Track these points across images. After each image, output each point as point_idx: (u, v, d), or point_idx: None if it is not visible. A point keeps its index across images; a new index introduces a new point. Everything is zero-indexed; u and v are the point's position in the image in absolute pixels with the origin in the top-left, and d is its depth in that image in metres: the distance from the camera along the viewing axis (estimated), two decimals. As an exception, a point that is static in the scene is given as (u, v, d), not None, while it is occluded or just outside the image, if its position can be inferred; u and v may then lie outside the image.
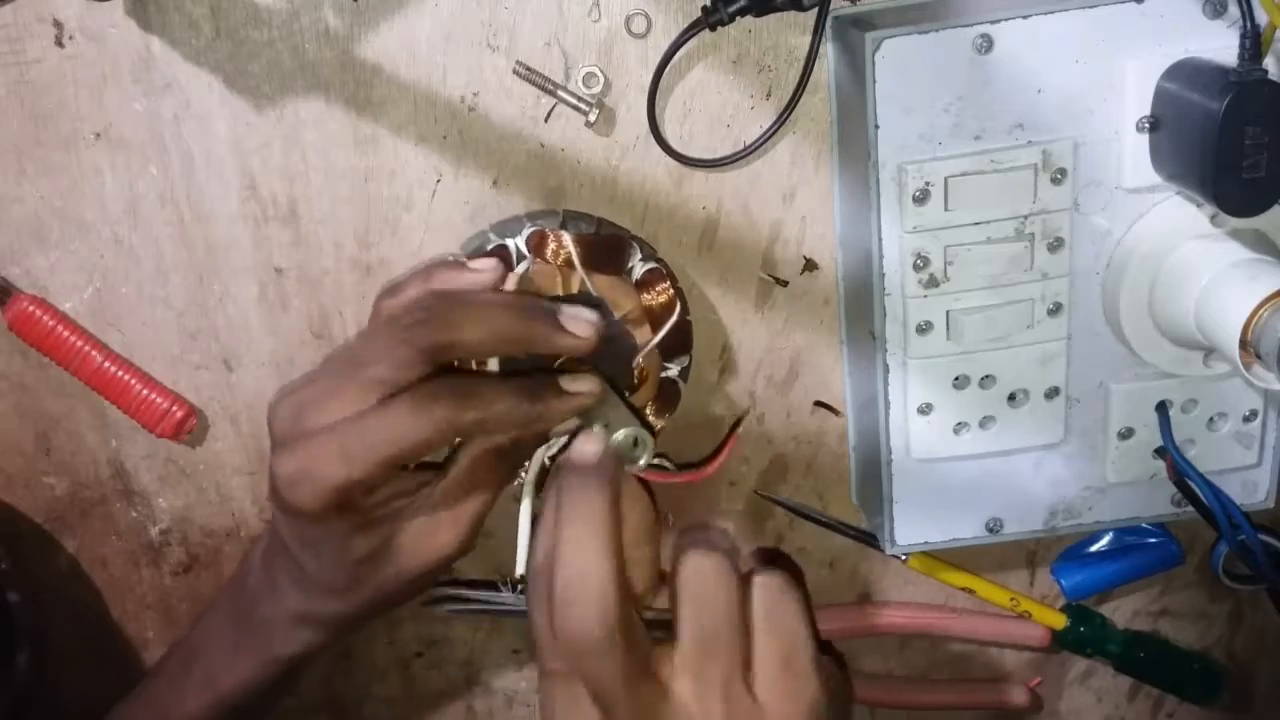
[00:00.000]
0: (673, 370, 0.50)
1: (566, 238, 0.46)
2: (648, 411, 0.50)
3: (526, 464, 0.45)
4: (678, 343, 0.49)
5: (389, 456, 0.39)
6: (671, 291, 0.48)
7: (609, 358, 0.47)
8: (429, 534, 0.44)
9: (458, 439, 0.43)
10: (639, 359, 0.49)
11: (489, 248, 0.46)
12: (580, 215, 0.49)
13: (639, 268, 0.48)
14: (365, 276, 0.50)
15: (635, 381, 0.49)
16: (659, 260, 0.48)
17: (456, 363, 0.44)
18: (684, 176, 0.49)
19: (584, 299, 0.46)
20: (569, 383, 0.43)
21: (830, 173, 0.50)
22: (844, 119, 0.48)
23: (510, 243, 0.46)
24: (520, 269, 0.46)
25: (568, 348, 0.43)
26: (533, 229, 0.46)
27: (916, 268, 0.45)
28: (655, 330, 0.48)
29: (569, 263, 0.46)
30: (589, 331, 0.43)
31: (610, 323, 0.47)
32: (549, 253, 0.46)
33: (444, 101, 0.47)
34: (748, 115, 0.48)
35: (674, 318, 0.48)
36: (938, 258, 0.45)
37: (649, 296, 0.48)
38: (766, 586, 0.39)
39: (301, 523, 0.41)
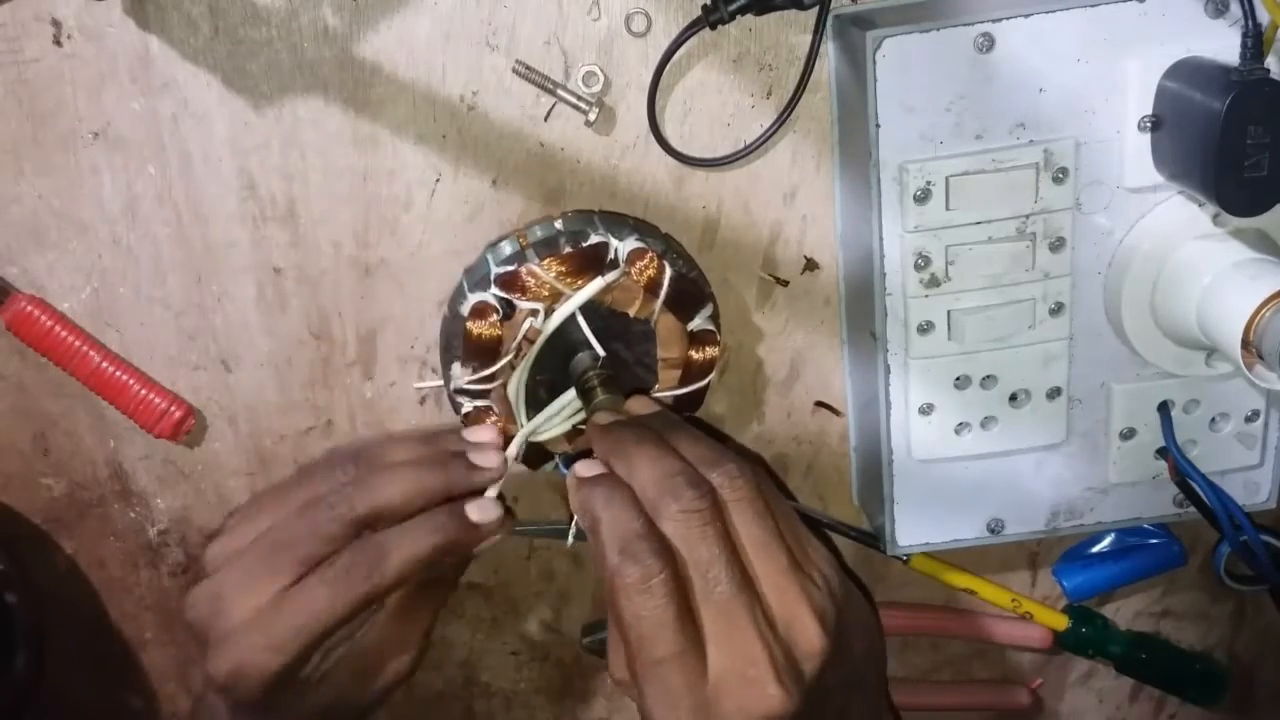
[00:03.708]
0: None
1: (669, 270, 0.47)
2: None
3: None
4: (689, 403, 0.51)
5: (318, 634, 0.41)
6: (715, 356, 0.49)
7: (628, 381, 0.49)
8: (378, 664, 0.46)
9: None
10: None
11: (590, 243, 0.46)
12: (658, 234, 0.49)
13: (701, 323, 0.49)
14: (364, 276, 0.50)
15: None
16: (718, 324, 0.49)
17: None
18: (684, 176, 0.49)
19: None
20: (477, 512, 0.45)
21: (831, 172, 0.49)
22: (845, 118, 0.47)
23: (614, 244, 0.46)
24: (610, 277, 0.46)
25: (483, 482, 0.45)
26: (637, 244, 0.46)
27: (918, 267, 0.45)
28: (683, 382, 0.50)
29: (651, 288, 0.47)
30: (496, 461, 0.46)
31: (644, 351, 0.49)
32: (636, 270, 0.46)
33: (443, 101, 0.47)
34: (748, 114, 0.48)
35: (703, 382, 0.50)
36: (939, 257, 0.45)
37: (695, 352, 0.49)
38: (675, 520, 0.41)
39: (250, 712, 0.42)
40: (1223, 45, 0.41)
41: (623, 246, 0.46)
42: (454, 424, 0.50)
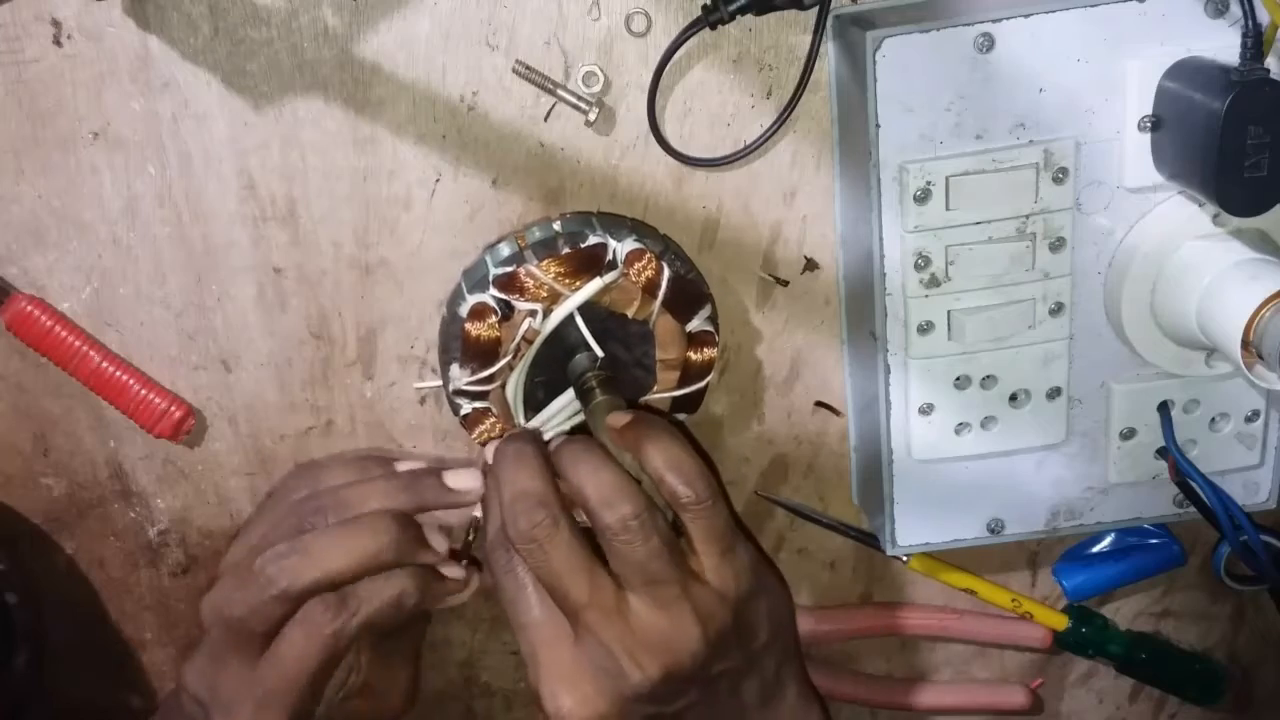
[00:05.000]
0: (678, 416, 0.52)
1: (667, 271, 0.47)
2: None
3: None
4: (688, 404, 0.51)
5: (305, 684, 0.44)
6: (713, 357, 0.50)
7: (627, 383, 0.49)
8: (372, 704, 0.48)
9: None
10: (646, 398, 0.50)
11: (588, 244, 0.46)
12: (656, 235, 0.49)
13: (699, 324, 0.49)
14: (364, 276, 0.50)
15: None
16: (716, 325, 0.49)
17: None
18: (684, 176, 0.49)
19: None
20: (448, 570, 0.48)
21: (831, 172, 0.49)
22: (845, 118, 0.47)
23: (612, 245, 0.46)
24: (608, 278, 0.46)
25: (430, 557, 0.47)
26: (635, 245, 0.46)
27: (918, 267, 0.45)
28: (682, 383, 0.50)
29: (650, 289, 0.47)
30: (444, 547, 0.48)
31: (643, 353, 0.49)
32: (634, 271, 0.46)
33: (443, 101, 0.47)
34: (748, 114, 0.48)
35: (700, 384, 0.50)
36: (939, 257, 0.45)
37: (694, 353, 0.49)
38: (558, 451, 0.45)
39: None
40: (1223, 45, 0.41)
41: (621, 247, 0.46)
42: (441, 459, 0.52)
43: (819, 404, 0.54)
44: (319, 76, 0.47)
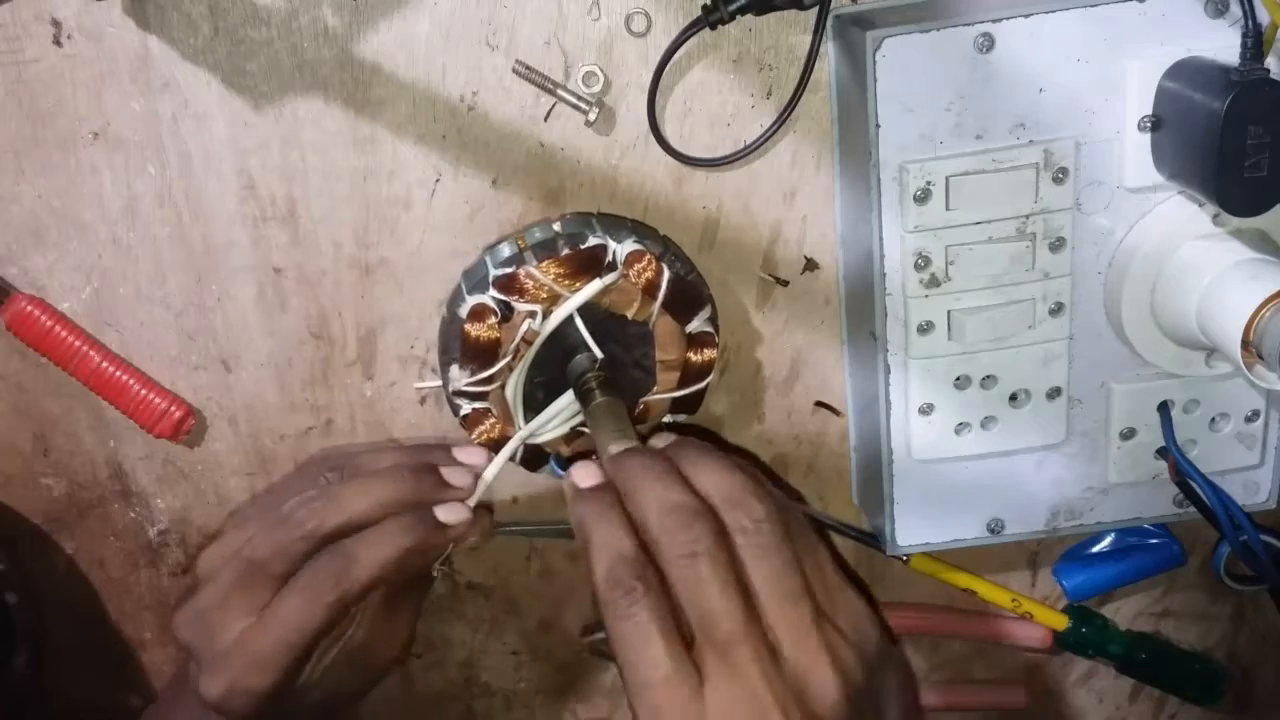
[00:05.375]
0: (677, 417, 0.51)
1: (667, 272, 0.47)
2: None
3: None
4: (688, 405, 0.51)
5: (301, 647, 0.42)
6: (713, 358, 0.49)
7: (626, 384, 0.49)
8: (370, 658, 0.47)
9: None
10: (645, 399, 0.50)
11: (588, 245, 0.46)
12: (656, 236, 0.49)
13: (699, 325, 0.49)
14: (364, 276, 0.50)
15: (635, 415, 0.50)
16: (716, 326, 0.49)
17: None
18: (684, 176, 0.49)
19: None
20: (445, 513, 0.45)
21: (831, 172, 0.49)
22: (845, 118, 0.47)
23: (612, 246, 0.46)
24: (608, 279, 0.46)
25: (452, 500, 0.45)
26: (635, 246, 0.46)
27: (918, 267, 0.45)
28: (681, 384, 0.49)
29: (649, 290, 0.47)
30: (466, 481, 0.46)
31: (643, 353, 0.49)
32: (634, 272, 0.46)
33: (443, 101, 0.47)
34: (748, 114, 0.48)
35: (699, 385, 0.50)
36: (939, 257, 0.45)
37: (694, 354, 0.49)
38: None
39: None
40: (1223, 45, 0.41)
41: (621, 249, 0.46)
42: (445, 436, 0.51)
43: (819, 404, 0.54)
44: (319, 76, 0.47)
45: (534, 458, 0.50)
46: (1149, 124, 0.43)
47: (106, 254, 0.49)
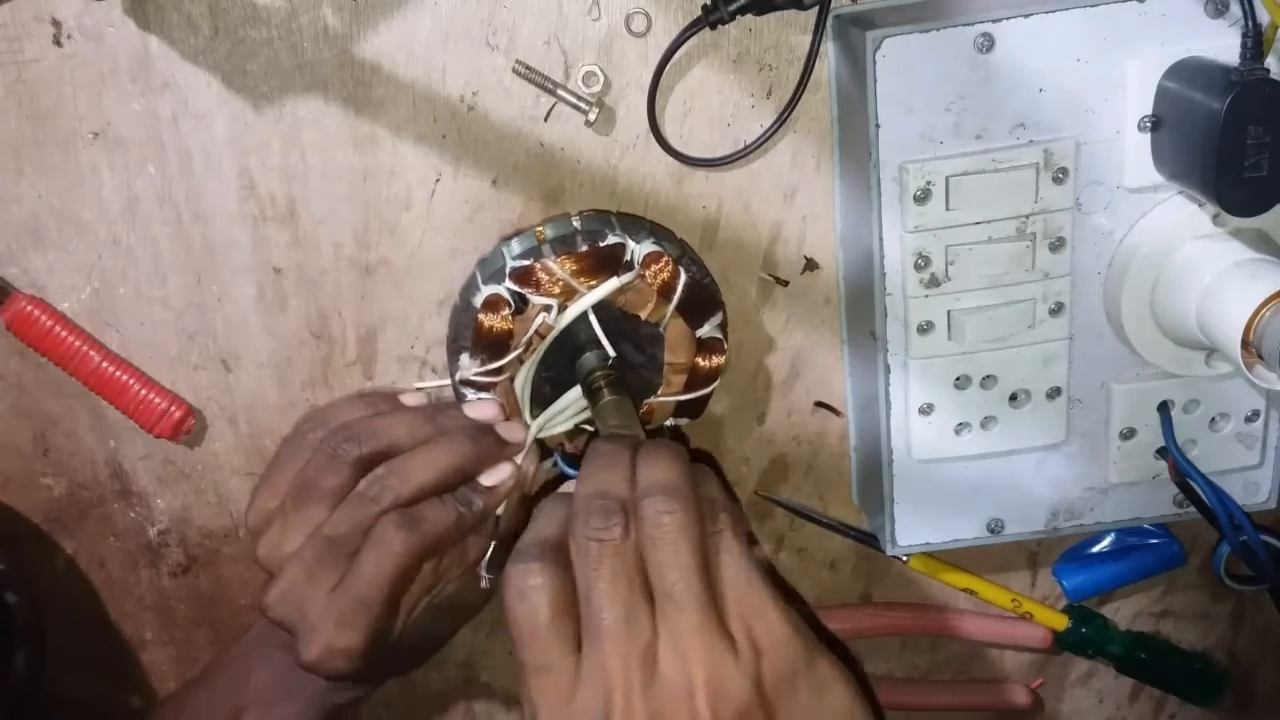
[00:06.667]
0: (679, 420, 0.52)
1: (683, 275, 0.47)
2: None
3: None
4: (692, 409, 0.51)
5: (381, 603, 0.44)
6: (720, 365, 0.49)
7: (633, 384, 0.49)
8: (457, 604, 0.49)
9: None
10: (650, 400, 0.50)
11: (606, 243, 0.46)
12: (673, 238, 0.49)
13: (710, 330, 0.49)
14: (364, 276, 0.50)
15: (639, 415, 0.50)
16: (726, 333, 0.49)
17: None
18: (684, 176, 0.49)
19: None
20: (488, 475, 0.47)
21: (831, 172, 0.49)
22: (845, 118, 0.47)
23: (630, 246, 0.46)
24: (625, 278, 0.46)
25: (509, 453, 0.47)
26: (653, 247, 0.46)
27: (918, 267, 0.45)
28: (688, 388, 0.50)
29: (664, 291, 0.47)
30: (520, 435, 0.48)
31: (650, 356, 0.49)
32: (650, 273, 0.46)
33: (443, 101, 0.47)
34: (748, 114, 0.48)
35: (706, 390, 0.50)
36: (939, 257, 0.45)
37: (702, 359, 0.49)
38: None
39: (349, 679, 0.46)
40: (1223, 45, 0.41)
41: (639, 249, 0.46)
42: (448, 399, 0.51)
43: (819, 404, 0.54)
44: (319, 76, 0.47)
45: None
46: (1149, 124, 0.43)
47: (106, 254, 0.49)
